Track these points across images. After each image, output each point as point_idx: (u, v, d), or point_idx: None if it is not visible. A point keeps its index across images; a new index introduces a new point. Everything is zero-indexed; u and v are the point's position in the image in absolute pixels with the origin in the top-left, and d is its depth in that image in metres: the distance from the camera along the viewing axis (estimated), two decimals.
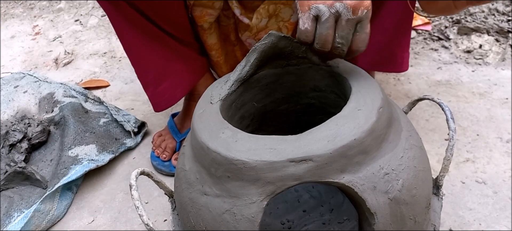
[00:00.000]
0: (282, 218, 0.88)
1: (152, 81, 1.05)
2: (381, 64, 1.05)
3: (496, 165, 1.02)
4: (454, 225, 0.89)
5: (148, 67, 1.04)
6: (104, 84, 1.54)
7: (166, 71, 1.04)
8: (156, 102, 1.08)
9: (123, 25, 0.99)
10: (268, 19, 1.04)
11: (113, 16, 0.98)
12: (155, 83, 1.05)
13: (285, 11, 1.03)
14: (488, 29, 1.51)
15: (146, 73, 1.05)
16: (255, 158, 0.55)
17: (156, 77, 1.05)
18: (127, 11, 0.95)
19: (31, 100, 1.34)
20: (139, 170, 0.64)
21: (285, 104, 0.81)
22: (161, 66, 1.04)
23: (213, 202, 0.59)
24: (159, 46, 1.02)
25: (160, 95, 1.07)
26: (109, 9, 0.97)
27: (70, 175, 1.05)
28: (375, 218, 0.56)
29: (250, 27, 1.05)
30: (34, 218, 0.98)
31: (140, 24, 0.97)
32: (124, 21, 0.97)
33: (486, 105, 1.21)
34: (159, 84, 1.05)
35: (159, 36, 1.00)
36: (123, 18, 0.97)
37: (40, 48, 1.89)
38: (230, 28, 1.11)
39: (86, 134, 1.18)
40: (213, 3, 1.01)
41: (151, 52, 1.02)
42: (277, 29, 1.07)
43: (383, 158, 0.58)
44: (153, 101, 1.08)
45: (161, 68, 1.04)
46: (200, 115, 0.66)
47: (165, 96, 1.07)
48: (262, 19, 1.04)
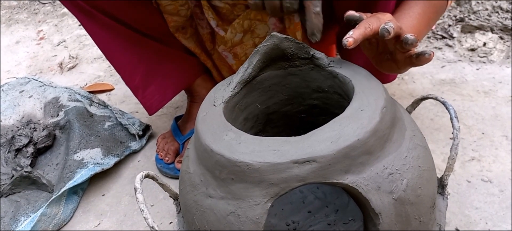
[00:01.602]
0: (287, 219, 0.88)
1: (140, 84, 1.07)
2: None
3: (502, 163, 1.01)
4: (460, 225, 0.89)
5: (133, 72, 1.05)
6: (108, 88, 1.55)
7: (152, 73, 1.06)
8: (147, 105, 1.10)
9: (102, 35, 1.00)
10: (243, 34, 1.05)
11: (89, 27, 1.00)
12: (143, 86, 1.06)
13: (260, 28, 1.03)
14: (492, 27, 1.51)
15: (132, 78, 1.07)
16: (258, 160, 0.55)
17: (143, 80, 1.06)
18: (103, 20, 0.96)
19: (36, 105, 1.35)
20: (144, 173, 0.64)
21: (288, 105, 0.81)
22: (146, 69, 1.05)
23: (218, 204, 0.59)
24: (142, 50, 1.03)
25: (149, 97, 1.08)
26: (84, 20, 0.99)
27: (75, 178, 1.06)
28: (380, 218, 0.56)
29: (225, 40, 1.05)
30: (41, 222, 0.98)
31: (118, 31, 0.98)
32: (101, 31, 0.99)
33: (491, 103, 1.21)
34: (147, 86, 1.06)
35: (141, 40, 1.02)
36: (99, 28, 0.98)
37: (44, 53, 1.91)
38: (206, 37, 1.11)
39: (91, 137, 1.18)
40: (178, 11, 1.01)
41: (134, 57, 1.03)
42: (252, 45, 1.07)
43: (387, 158, 0.58)
44: (144, 104, 1.10)
45: (147, 71, 1.05)
46: (204, 118, 0.66)
47: (155, 97, 1.08)
48: (236, 34, 1.04)
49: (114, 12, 0.96)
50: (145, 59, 1.04)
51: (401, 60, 0.67)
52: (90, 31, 1.01)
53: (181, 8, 1.01)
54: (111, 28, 0.98)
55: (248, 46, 1.07)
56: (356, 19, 0.65)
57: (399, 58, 0.67)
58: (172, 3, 1.00)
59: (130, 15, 0.98)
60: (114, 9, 0.96)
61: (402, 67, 0.68)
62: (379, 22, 0.63)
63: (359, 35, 0.61)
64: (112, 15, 0.96)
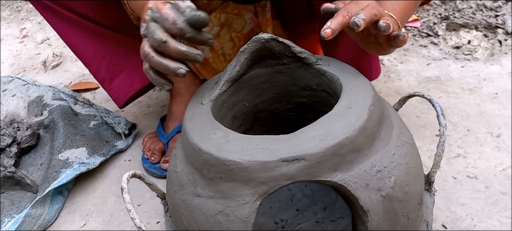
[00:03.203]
0: (275, 217, 0.88)
1: (106, 76, 1.07)
2: None
3: (487, 160, 1.03)
4: (447, 221, 0.90)
5: (99, 64, 1.06)
6: (93, 86, 1.53)
7: (118, 65, 1.06)
8: (115, 97, 1.11)
9: (66, 29, 1.01)
10: (219, 28, 1.04)
11: (53, 21, 1.01)
12: (109, 78, 1.07)
13: (237, 22, 1.03)
14: (476, 24, 1.53)
15: (98, 70, 1.07)
16: (247, 159, 0.55)
17: (109, 72, 1.07)
18: (67, 15, 0.97)
19: (19, 104, 1.32)
20: (130, 173, 0.63)
21: (276, 103, 0.81)
22: (112, 61, 1.06)
23: (206, 203, 0.58)
24: (107, 42, 1.04)
25: (116, 89, 1.09)
26: (47, 14, 1.00)
27: (60, 178, 1.04)
28: (368, 215, 0.56)
29: None
30: (25, 223, 0.97)
31: (83, 25, 0.99)
32: (65, 25, 1.00)
33: (476, 101, 1.22)
34: (113, 78, 1.07)
35: (104, 33, 1.02)
36: (63, 22, 0.99)
37: (28, 51, 1.87)
38: None
39: (76, 137, 1.16)
40: None
41: (100, 49, 1.04)
42: (229, 39, 1.08)
43: (375, 155, 0.58)
44: (112, 95, 1.11)
45: (113, 63, 1.06)
46: (191, 116, 0.66)
47: (122, 89, 1.08)
48: (213, 27, 1.04)
49: (76, 7, 0.97)
50: (110, 52, 1.05)
51: (383, 43, 0.67)
52: (54, 26, 1.02)
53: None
54: (74, 22, 0.99)
55: (225, 40, 1.07)
56: (332, 11, 0.65)
57: (381, 40, 0.67)
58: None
59: (92, 8, 0.98)
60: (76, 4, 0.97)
61: (386, 49, 0.68)
62: (358, 8, 0.62)
63: (337, 25, 0.60)
64: (74, 9, 0.97)
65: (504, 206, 0.91)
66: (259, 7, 1.02)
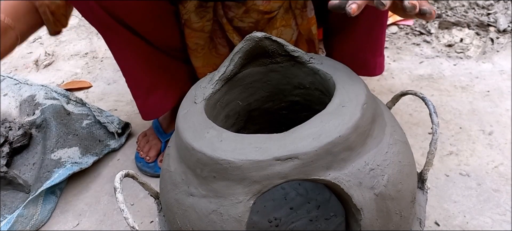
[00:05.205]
0: (269, 216, 0.88)
1: (144, 93, 1.04)
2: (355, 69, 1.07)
3: (479, 157, 1.03)
4: (439, 218, 0.90)
5: (141, 81, 1.03)
6: (86, 85, 1.52)
7: (157, 83, 1.04)
8: (145, 112, 1.07)
9: (119, 47, 0.97)
10: None
11: (108, 37, 0.97)
12: (146, 95, 1.04)
13: (286, 33, 1.02)
14: (468, 23, 1.53)
15: (138, 87, 1.04)
16: (240, 158, 0.55)
17: (148, 90, 1.03)
18: (122, 32, 0.93)
19: (11, 103, 1.31)
20: (123, 172, 0.63)
21: (269, 102, 0.81)
22: (152, 79, 1.03)
23: (200, 202, 0.58)
24: (151, 61, 1.01)
25: (151, 106, 1.05)
26: (104, 31, 0.96)
27: (53, 178, 1.04)
28: (362, 213, 0.57)
29: None
30: (18, 223, 0.96)
31: (135, 43, 0.96)
32: (119, 42, 0.96)
33: (468, 98, 1.23)
34: (149, 95, 1.04)
35: (152, 52, 0.99)
36: (118, 39, 0.95)
37: (20, 50, 1.86)
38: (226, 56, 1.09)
39: (68, 136, 1.16)
40: (203, 27, 1.00)
41: (144, 68, 1.01)
42: None
43: (368, 154, 0.58)
44: (143, 111, 1.07)
45: (153, 81, 1.03)
46: (184, 115, 0.66)
47: (157, 106, 1.05)
48: None
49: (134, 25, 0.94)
50: (153, 70, 1.02)
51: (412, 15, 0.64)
52: (111, 44, 0.98)
53: (207, 23, 0.99)
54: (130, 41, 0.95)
55: None
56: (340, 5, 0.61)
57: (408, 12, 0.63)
58: (200, 21, 0.98)
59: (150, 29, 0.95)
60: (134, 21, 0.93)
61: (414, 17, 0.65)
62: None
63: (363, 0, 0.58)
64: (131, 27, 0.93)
65: (496, 203, 0.92)
66: (297, 10, 1.01)
